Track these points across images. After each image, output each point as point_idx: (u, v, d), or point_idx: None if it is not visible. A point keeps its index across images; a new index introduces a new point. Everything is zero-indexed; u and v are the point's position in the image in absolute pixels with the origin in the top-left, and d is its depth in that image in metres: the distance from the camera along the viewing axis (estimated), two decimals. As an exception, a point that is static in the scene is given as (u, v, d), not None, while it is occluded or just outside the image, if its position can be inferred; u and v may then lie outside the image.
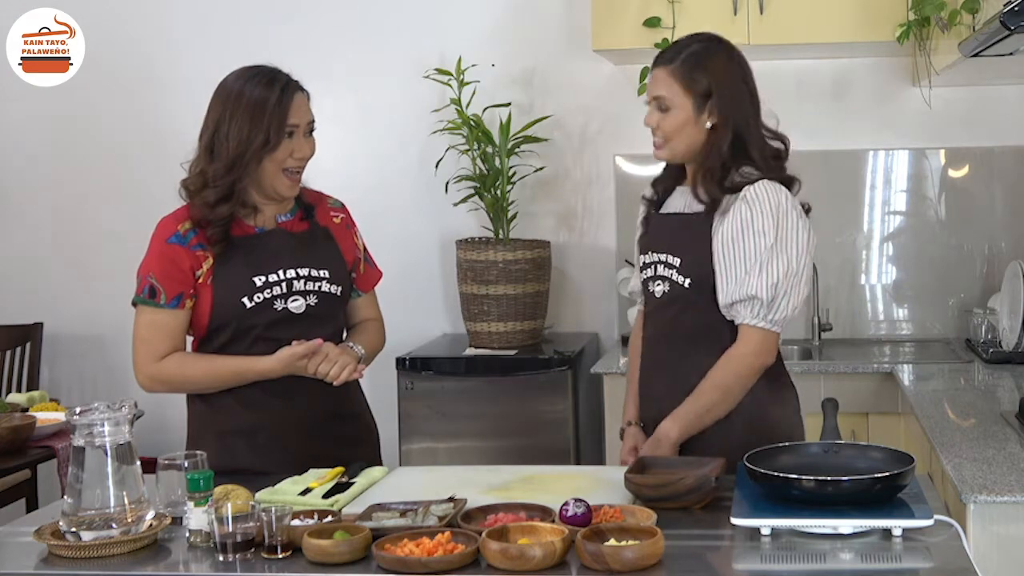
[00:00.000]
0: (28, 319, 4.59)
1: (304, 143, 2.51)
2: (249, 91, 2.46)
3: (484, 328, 4.11)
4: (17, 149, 4.70)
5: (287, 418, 2.53)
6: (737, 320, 2.45)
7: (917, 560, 1.87)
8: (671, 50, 2.53)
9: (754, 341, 2.44)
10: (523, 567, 1.81)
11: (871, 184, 4.29)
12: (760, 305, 2.41)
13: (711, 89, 2.46)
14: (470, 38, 4.36)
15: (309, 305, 2.54)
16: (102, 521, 1.99)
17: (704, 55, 2.49)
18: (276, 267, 2.52)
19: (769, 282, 2.40)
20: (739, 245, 2.42)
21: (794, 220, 2.43)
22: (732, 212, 2.43)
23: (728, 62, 2.51)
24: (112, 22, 4.56)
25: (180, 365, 2.51)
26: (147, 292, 2.49)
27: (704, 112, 2.47)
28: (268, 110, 2.44)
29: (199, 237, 2.48)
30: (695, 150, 2.50)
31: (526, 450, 3.90)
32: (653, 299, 2.59)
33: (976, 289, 4.21)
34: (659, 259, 2.56)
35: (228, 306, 2.49)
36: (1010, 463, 2.49)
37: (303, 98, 2.53)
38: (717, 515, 2.07)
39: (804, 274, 2.44)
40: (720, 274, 2.44)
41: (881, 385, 3.71)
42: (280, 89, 2.47)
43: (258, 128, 2.44)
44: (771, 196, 2.42)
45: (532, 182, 4.36)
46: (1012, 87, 4.14)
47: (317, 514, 2.03)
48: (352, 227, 2.72)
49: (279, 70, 2.52)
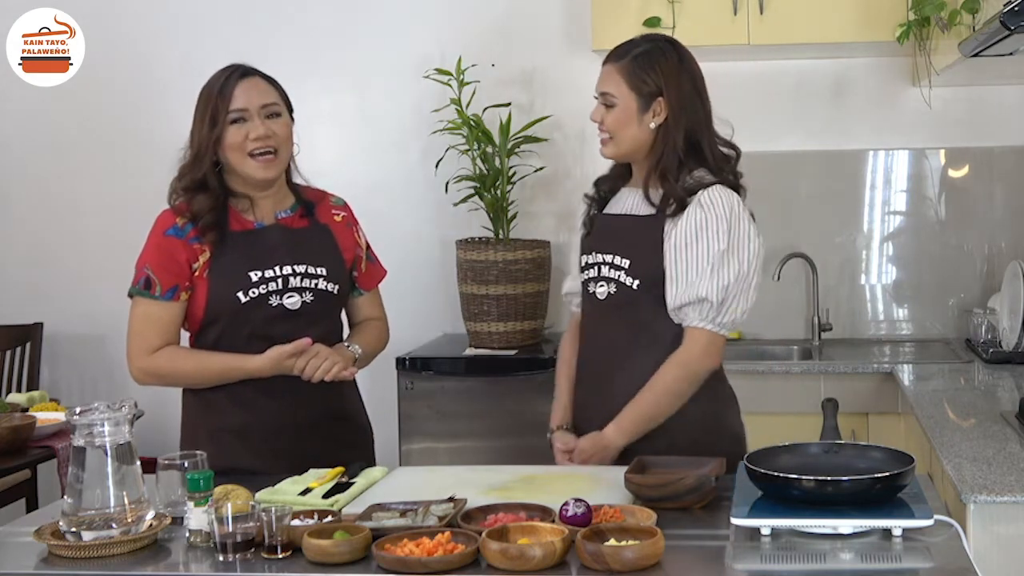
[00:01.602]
0: (28, 319, 4.59)
1: (260, 124, 2.50)
2: (204, 88, 2.54)
3: (484, 328, 4.11)
4: (17, 149, 4.70)
5: (279, 417, 2.53)
6: (685, 322, 2.44)
7: (917, 560, 1.87)
8: (622, 48, 2.53)
9: (701, 343, 2.43)
10: (523, 567, 1.80)
11: (871, 184, 4.28)
12: (710, 307, 2.40)
13: (659, 90, 2.45)
14: (470, 38, 4.36)
15: (305, 302, 2.54)
16: (102, 521, 1.99)
17: (654, 56, 2.48)
18: (273, 263, 2.52)
19: (720, 284, 2.39)
20: (692, 248, 2.41)
21: (746, 226, 2.44)
22: (685, 215, 2.42)
23: (679, 64, 2.49)
24: (112, 22, 4.56)
25: (171, 359, 2.52)
26: (143, 283, 2.51)
27: (649, 112, 2.46)
28: (212, 99, 2.50)
29: (196, 230, 2.50)
30: (640, 149, 2.49)
31: (526, 450, 3.87)
32: (594, 300, 2.56)
33: (976, 289, 4.21)
34: (604, 260, 2.53)
35: (223, 300, 2.50)
36: (1010, 463, 2.48)
37: (255, 82, 2.53)
38: (717, 515, 2.07)
39: (754, 279, 2.44)
40: (671, 276, 2.43)
41: (881, 385, 3.71)
42: (224, 79, 2.51)
43: (204, 118, 2.50)
44: (725, 201, 2.42)
45: (532, 182, 4.36)
46: (1012, 87, 4.14)
47: (317, 514, 2.03)
48: (354, 225, 2.72)
49: (236, 63, 2.56)
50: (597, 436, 2.47)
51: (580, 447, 2.49)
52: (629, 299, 2.49)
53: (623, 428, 2.45)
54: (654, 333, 2.47)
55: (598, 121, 2.52)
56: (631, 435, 2.44)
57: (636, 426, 2.44)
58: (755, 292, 2.46)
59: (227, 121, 2.49)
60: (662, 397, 2.44)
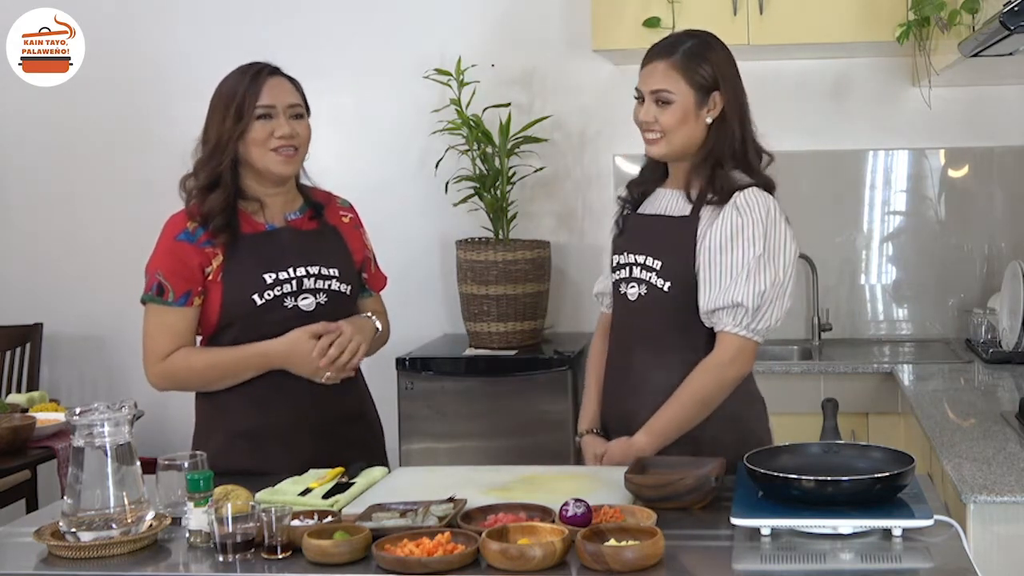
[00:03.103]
0: (28, 319, 4.59)
1: (285, 123, 2.51)
2: (226, 85, 2.53)
3: (484, 328, 4.11)
4: (17, 149, 4.70)
5: (295, 419, 2.53)
6: (717, 327, 2.40)
7: (917, 560, 1.86)
8: (667, 43, 2.48)
9: (733, 349, 2.39)
10: (523, 567, 1.80)
11: (871, 184, 4.29)
12: (744, 313, 2.37)
13: (715, 83, 2.42)
14: (470, 38, 4.36)
15: (319, 303, 2.54)
16: (102, 521, 1.99)
17: (705, 48, 2.45)
18: (286, 264, 2.52)
19: (756, 290, 2.36)
20: (727, 252, 2.38)
21: (782, 230, 2.40)
22: (721, 218, 2.39)
23: (728, 57, 2.47)
24: (112, 22, 4.56)
25: (186, 358, 2.50)
26: (155, 290, 2.49)
27: (705, 106, 2.43)
28: (239, 93, 2.49)
29: (208, 234, 2.49)
30: (692, 146, 2.45)
31: (526, 450, 3.90)
32: (625, 301, 2.53)
33: (976, 289, 4.22)
34: (636, 260, 2.50)
35: (238, 303, 2.49)
36: (1010, 463, 2.49)
37: (281, 82, 2.55)
38: (717, 515, 2.07)
39: (789, 286, 2.40)
40: (704, 280, 2.40)
41: (881, 385, 3.71)
42: (252, 74, 2.52)
43: (230, 112, 2.49)
44: (761, 204, 2.38)
45: (532, 182, 4.36)
46: (1012, 87, 4.14)
47: (317, 514, 2.03)
48: (360, 227, 2.73)
49: (259, 61, 2.56)
50: (627, 443, 2.43)
51: (610, 453, 2.47)
52: (659, 301, 2.45)
53: (653, 434, 2.41)
54: (684, 336, 2.44)
55: (650, 120, 2.44)
56: (661, 442, 2.41)
57: (666, 432, 2.41)
58: (790, 298, 2.41)
59: (253, 116, 2.49)
60: (692, 404, 2.40)
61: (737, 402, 2.47)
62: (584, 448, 2.59)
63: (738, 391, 2.46)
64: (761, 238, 2.37)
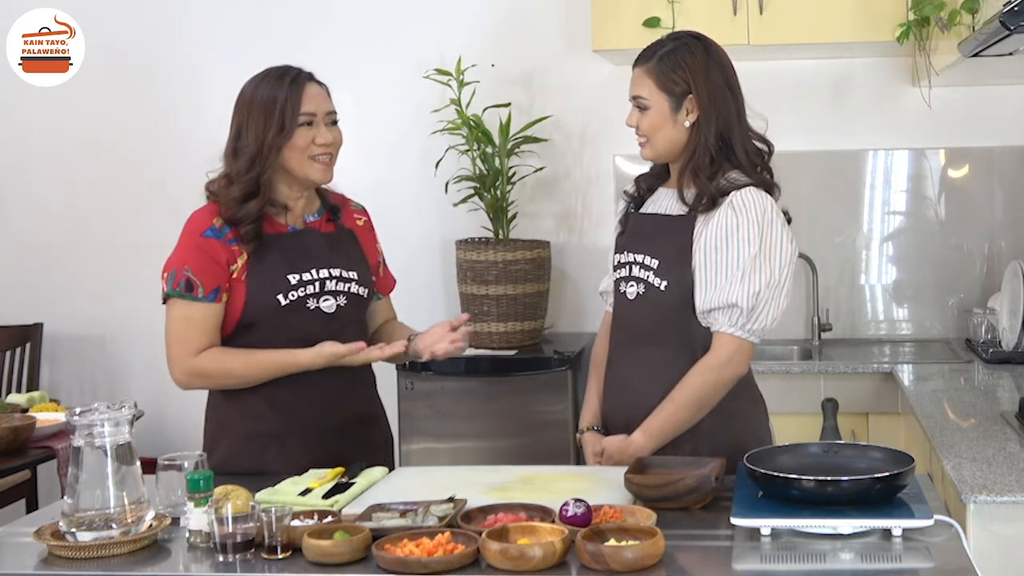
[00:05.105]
0: (28, 319, 4.59)
1: (326, 131, 2.52)
2: (262, 91, 2.50)
3: (484, 328, 4.11)
4: (17, 149, 4.70)
5: (314, 420, 2.53)
6: (714, 327, 2.42)
7: (917, 560, 1.87)
8: (649, 49, 2.51)
9: (729, 349, 2.41)
10: (523, 567, 1.81)
11: (871, 184, 4.29)
12: (740, 313, 2.38)
13: (689, 88, 2.44)
14: (470, 38, 4.36)
15: (339, 306, 2.55)
16: (102, 521, 1.99)
17: (680, 54, 2.46)
18: (310, 266, 2.52)
19: (751, 291, 2.37)
20: (722, 252, 2.39)
21: (779, 230, 2.41)
22: (717, 217, 2.40)
23: (707, 60, 2.47)
24: (112, 22, 4.56)
25: (219, 359, 2.49)
26: (183, 285, 2.47)
27: (681, 110, 2.45)
28: (280, 100, 2.48)
29: (233, 232, 2.49)
30: (677, 149, 2.47)
31: (526, 450, 3.90)
32: (624, 300, 2.54)
33: (976, 289, 4.22)
34: (635, 259, 2.52)
35: (262, 303, 2.49)
36: (1010, 463, 2.49)
37: (318, 89, 2.55)
38: (717, 515, 2.07)
39: (786, 286, 2.41)
40: (700, 279, 2.41)
41: (881, 385, 3.71)
42: (291, 80, 2.50)
43: (272, 119, 2.47)
44: (757, 204, 2.39)
45: (532, 182, 4.36)
46: (1012, 87, 4.14)
47: (317, 514, 2.04)
48: (373, 230, 2.75)
49: (291, 66, 2.55)
50: (624, 441, 2.45)
51: (608, 451, 2.48)
52: (657, 300, 2.46)
53: (650, 435, 2.43)
54: (681, 335, 2.45)
55: (633, 125, 2.50)
56: (658, 442, 2.42)
57: (663, 433, 2.42)
58: (786, 299, 2.42)
59: (296, 123, 2.48)
60: (688, 405, 2.42)
61: (737, 402, 2.47)
62: (584, 445, 2.62)
63: (738, 391, 2.46)
64: (757, 237, 2.37)
